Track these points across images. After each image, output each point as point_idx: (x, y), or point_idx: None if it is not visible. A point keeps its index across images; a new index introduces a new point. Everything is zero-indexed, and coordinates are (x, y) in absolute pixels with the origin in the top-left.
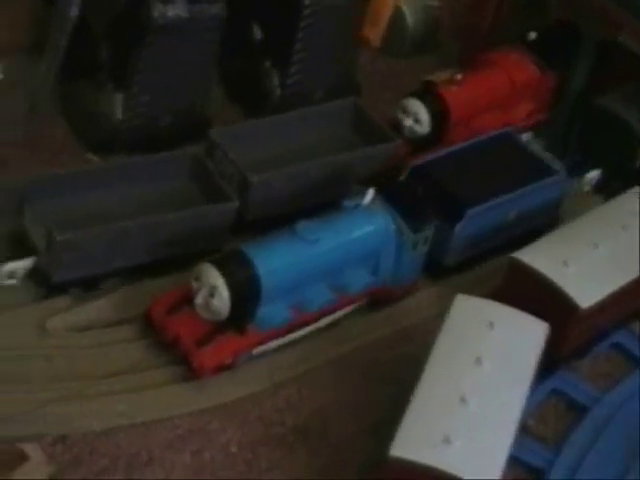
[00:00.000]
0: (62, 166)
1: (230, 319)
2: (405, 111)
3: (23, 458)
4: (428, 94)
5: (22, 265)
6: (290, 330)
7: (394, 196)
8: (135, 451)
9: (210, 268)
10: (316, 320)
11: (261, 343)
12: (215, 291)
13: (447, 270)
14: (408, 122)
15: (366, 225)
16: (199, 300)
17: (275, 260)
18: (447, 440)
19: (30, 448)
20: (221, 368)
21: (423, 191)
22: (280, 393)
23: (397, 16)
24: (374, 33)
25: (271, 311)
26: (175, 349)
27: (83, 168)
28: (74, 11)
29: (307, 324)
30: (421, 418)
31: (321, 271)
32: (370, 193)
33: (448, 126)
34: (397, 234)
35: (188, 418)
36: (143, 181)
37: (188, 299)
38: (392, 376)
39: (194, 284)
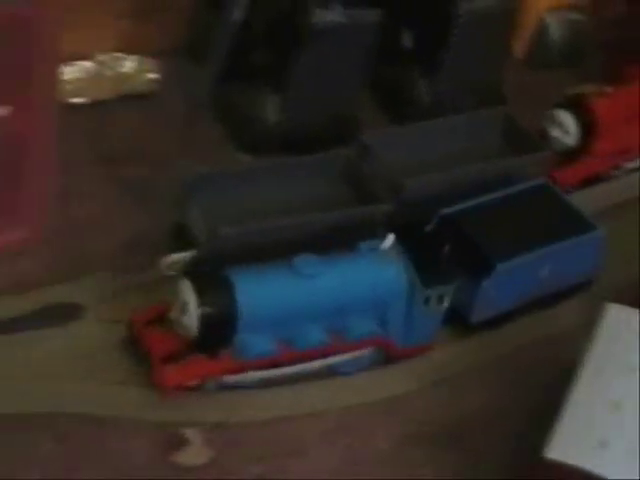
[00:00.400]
0: (215, 165)
1: (201, 340)
2: (553, 122)
3: (184, 442)
4: (577, 106)
5: (183, 257)
6: (277, 365)
7: (414, 245)
8: (290, 442)
9: (186, 283)
10: (311, 359)
11: (236, 372)
12: (186, 308)
13: (473, 328)
14: (556, 133)
15: (375, 271)
16: (173, 314)
17: (260, 288)
18: (603, 444)
19: (191, 433)
20: (184, 388)
21: (450, 242)
22: (427, 394)
23: (541, 28)
24: (518, 45)
25: (251, 341)
26: None
27: (242, 167)
28: (238, 15)
29: (300, 361)
30: (576, 422)
31: (316, 309)
32: (390, 238)
33: (596, 138)
34: (409, 286)
35: (341, 413)
36: (297, 181)
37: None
38: (537, 383)
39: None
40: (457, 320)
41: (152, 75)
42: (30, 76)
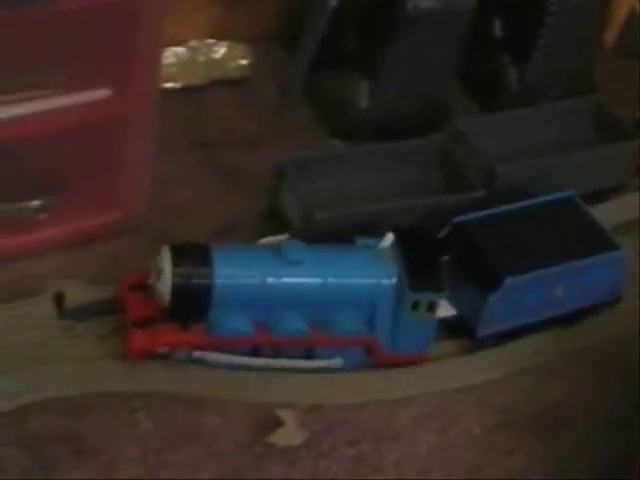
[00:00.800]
0: (307, 151)
1: (173, 309)
2: None
3: (279, 423)
4: None
5: (276, 240)
6: (254, 349)
7: (415, 249)
8: (383, 425)
9: (166, 251)
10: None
11: (207, 347)
12: (162, 275)
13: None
14: None
15: (365, 268)
16: (151, 280)
17: (241, 267)
18: None
19: (286, 414)
20: (153, 355)
21: (457, 251)
22: (517, 381)
23: (632, 18)
24: (608, 34)
25: (225, 318)
26: None
27: (336, 152)
28: (333, 2)
29: (279, 348)
30: None
31: (298, 297)
32: (389, 237)
33: None
34: (397, 289)
35: (434, 398)
36: (390, 167)
37: None
38: (626, 375)
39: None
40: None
41: (243, 61)
42: (133, 60)
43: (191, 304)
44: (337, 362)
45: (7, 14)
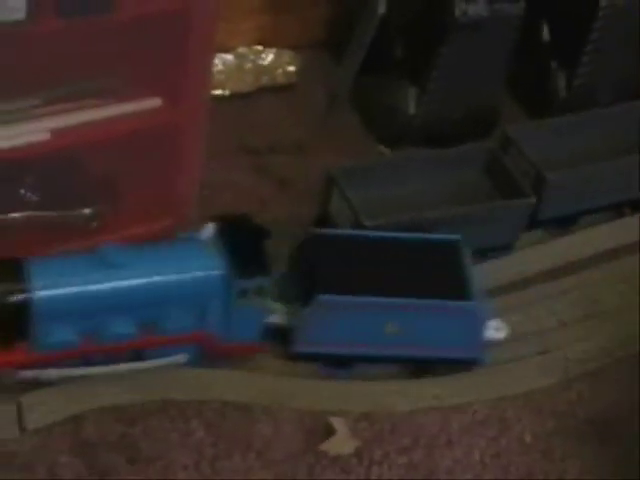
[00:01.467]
0: (354, 157)
1: None
2: None
3: (330, 431)
4: None
5: None
6: (86, 359)
7: (234, 236)
8: (435, 433)
9: None
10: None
11: (34, 364)
12: None
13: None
14: None
15: (189, 261)
16: None
17: (61, 277)
18: None
19: (337, 422)
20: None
21: (304, 263)
22: (573, 387)
23: None
24: None
25: (49, 332)
26: None
27: (385, 159)
28: (382, 9)
29: (110, 355)
30: None
31: (124, 300)
32: (209, 228)
33: None
34: (224, 279)
35: (486, 405)
36: (439, 173)
37: None
38: None
39: None
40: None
41: (291, 67)
42: (185, 68)
43: (10, 322)
44: (181, 358)
45: (65, 23)
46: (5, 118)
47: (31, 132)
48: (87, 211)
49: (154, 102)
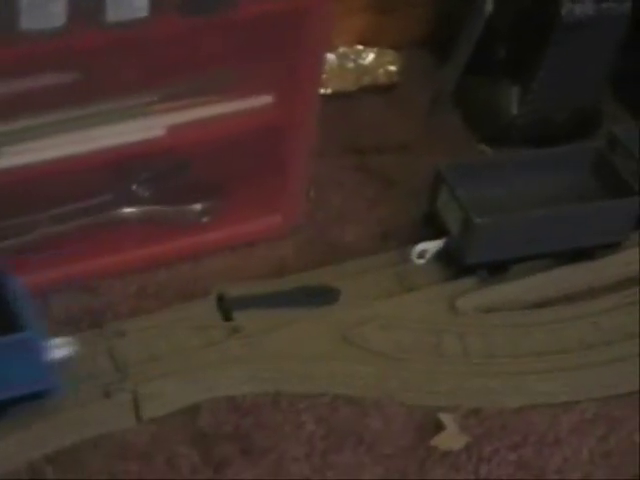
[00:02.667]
0: (457, 156)
1: None
2: None
3: (440, 427)
4: None
5: (432, 246)
6: None
7: None
8: (544, 430)
9: None
10: None
11: None
12: None
13: None
14: None
15: None
16: None
17: None
18: None
19: (446, 418)
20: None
21: None
22: None
23: None
24: None
25: None
26: None
27: (491, 157)
28: (489, 7)
29: None
30: None
31: None
32: None
33: None
34: None
35: (595, 404)
36: (545, 172)
37: None
38: None
39: None
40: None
41: (392, 67)
42: (298, 65)
43: None
44: None
45: (188, 22)
46: (121, 114)
47: (147, 128)
48: (198, 207)
49: (265, 99)
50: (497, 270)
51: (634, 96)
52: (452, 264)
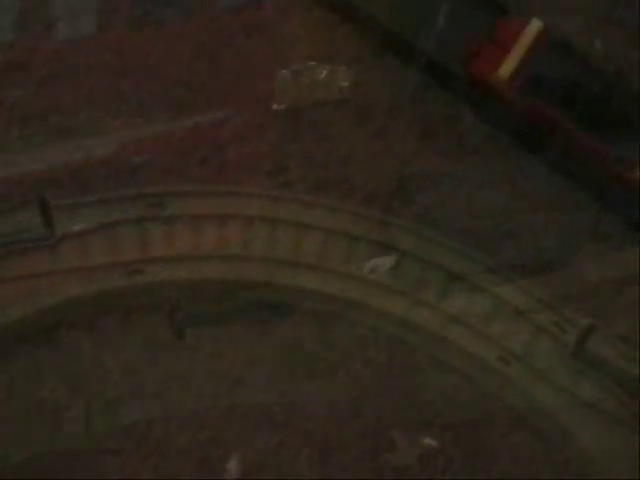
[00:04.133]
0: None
1: None
2: None
3: None
4: None
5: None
6: None
7: None
8: None
9: None
10: None
11: None
12: None
13: None
14: None
15: None
16: None
17: None
18: None
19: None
20: None
21: None
22: None
23: None
24: None
25: None
26: None
27: None
28: None
29: None
30: None
31: None
32: None
33: None
34: None
35: None
36: None
37: None
38: None
39: None
40: None
41: (344, 82)
42: (252, 81)
43: None
44: None
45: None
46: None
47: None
48: None
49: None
50: None
51: None
52: None
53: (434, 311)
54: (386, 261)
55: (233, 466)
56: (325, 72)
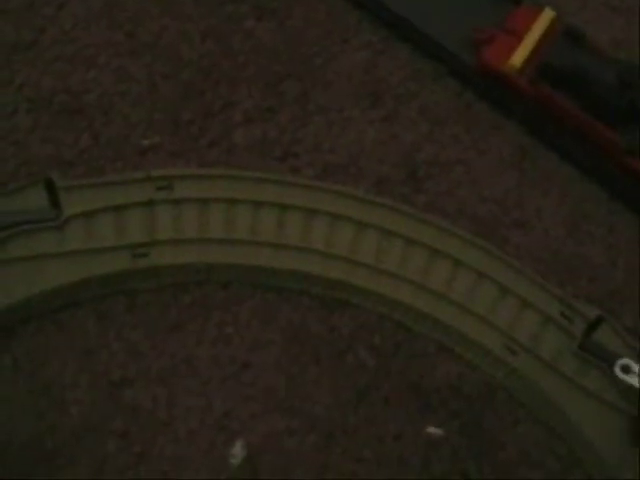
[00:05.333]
0: None
1: None
2: None
3: None
4: None
5: None
6: None
7: None
8: None
9: None
10: None
11: None
12: None
13: None
14: None
15: None
16: None
17: None
18: None
19: None
20: None
21: None
22: None
23: None
24: None
25: None
26: None
27: None
28: None
29: None
30: None
31: None
32: None
33: None
34: None
35: None
36: None
37: None
38: None
39: None
40: None
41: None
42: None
43: None
44: None
45: None
46: None
47: None
48: None
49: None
50: None
51: None
52: None
53: (440, 299)
54: None
55: (238, 451)
56: None
